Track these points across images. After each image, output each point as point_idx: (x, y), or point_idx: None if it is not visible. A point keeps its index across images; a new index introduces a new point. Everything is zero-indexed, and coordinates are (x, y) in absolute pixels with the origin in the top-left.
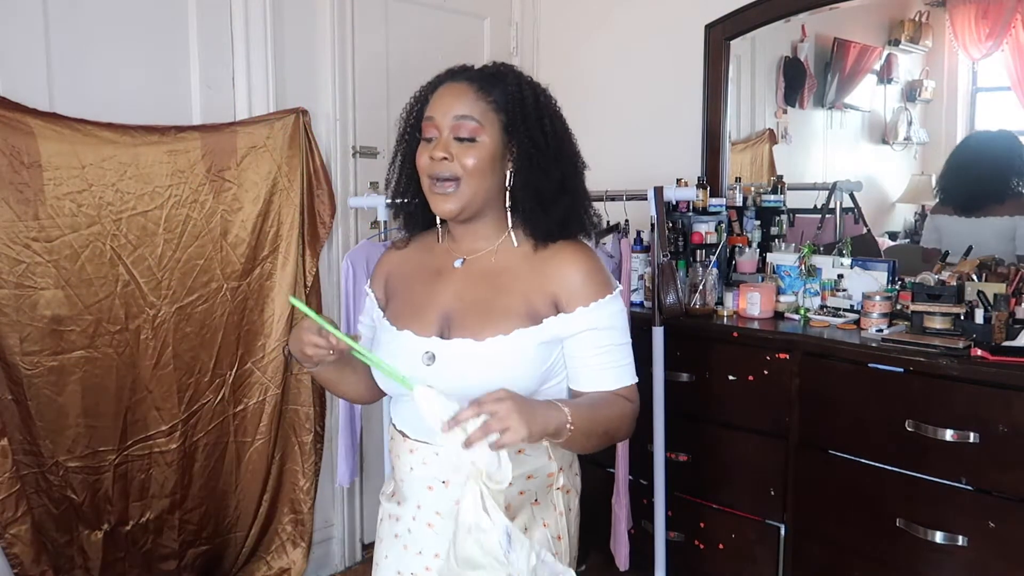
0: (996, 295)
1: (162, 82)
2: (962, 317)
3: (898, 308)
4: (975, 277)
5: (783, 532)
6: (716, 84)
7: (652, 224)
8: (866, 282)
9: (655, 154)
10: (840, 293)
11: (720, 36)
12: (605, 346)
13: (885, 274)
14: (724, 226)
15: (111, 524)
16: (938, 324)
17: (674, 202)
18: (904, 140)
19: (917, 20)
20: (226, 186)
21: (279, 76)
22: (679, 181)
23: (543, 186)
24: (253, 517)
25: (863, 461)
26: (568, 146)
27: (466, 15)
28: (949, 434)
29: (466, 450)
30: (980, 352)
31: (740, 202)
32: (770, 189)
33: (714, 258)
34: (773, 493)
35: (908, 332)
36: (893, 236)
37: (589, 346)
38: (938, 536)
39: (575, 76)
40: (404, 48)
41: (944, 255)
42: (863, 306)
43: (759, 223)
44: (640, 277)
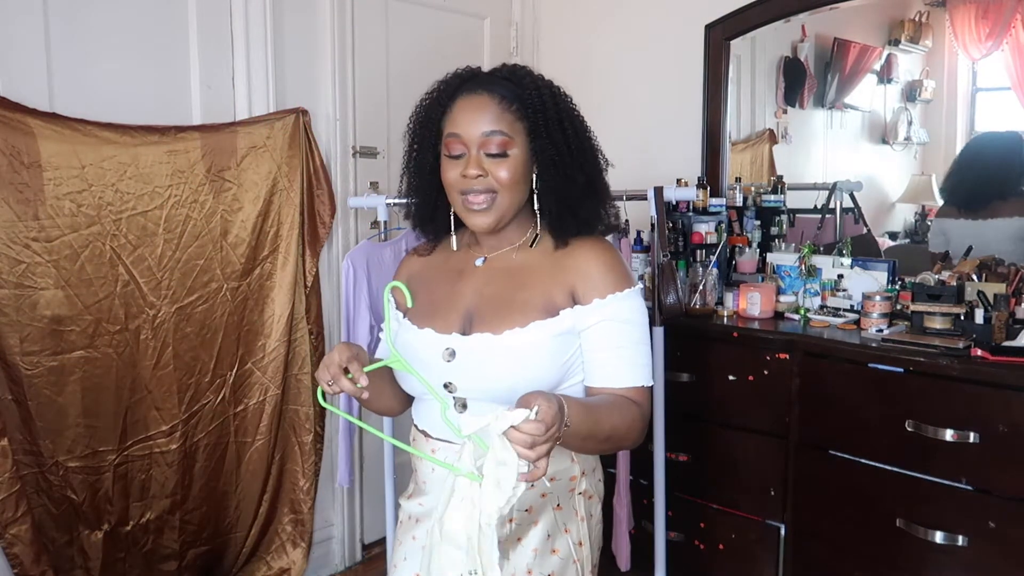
0: (996, 295)
1: (162, 82)
2: (962, 317)
3: (898, 308)
4: (975, 277)
5: (783, 532)
6: (716, 84)
7: (652, 224)
8: (866, 282)
9: (655, 154)
10: (840, 293)
11: (720, 36)
12: (619, 341)
13: (885, 274)
14: (724, 226)
15: (111, 524)
16: (938, 324)
17: (674, 202)
18: (904, 140)
19: (917, 20)
20: (226, 186)
21: (279, 76)
22: (679, 181)
23: (569, 190)
24: (253, 517)
25: (863, 461)
26: (590, 145)
27: (466, 15)
28: (949, 434)
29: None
30: (980, 352)
31: (740, 202)
32: (770, 189)
33: (714, 258)
34: (773, 493)
35: (908, 332)
36: (893, 236)
37: (603, 339)
38: (938, 536)
39: (575, 76)
40: (404, 48)
41: (945, 255)
42: (863, 306)
43: (759, 223)
44: (640, 277)
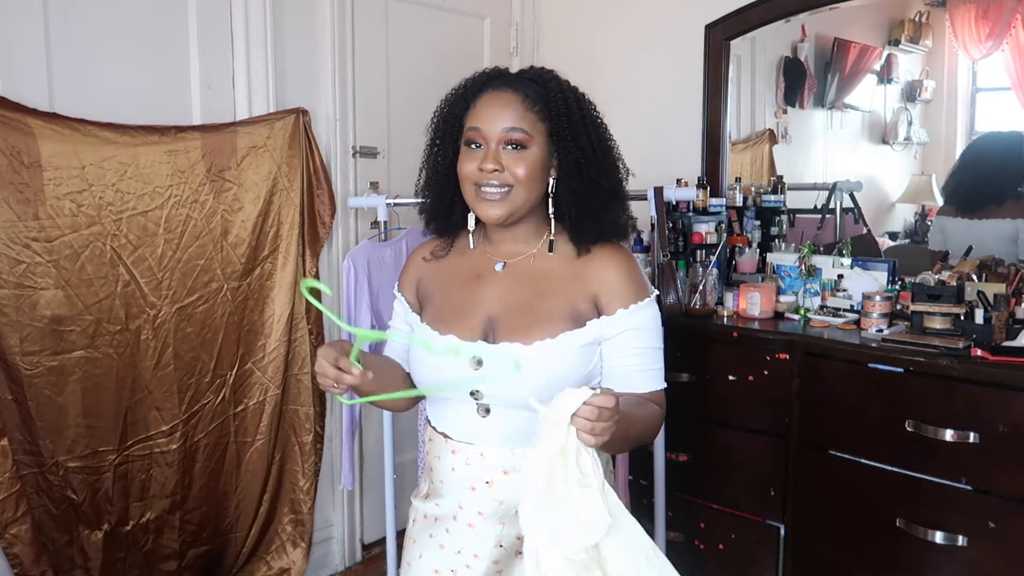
0: (996, 295)
1: (162, 82)
2: (962, 317)
3: (898, 308)
4: (975, 277)
5: (783, 532)
6: (716, 84)
7: (652, 224)
8: (866, 282)
9: (655, 154)
10: (840, 293)
11: (720, 36)
12: (640, 348)
13: (885, 274)
14: (724, 226)
15: (111, 524)
16: (938, 324)
17: (674, 202)
18: (904, 140)
19: (917, 20)
20: (226, 186)
21: (279, 76)
22: (679, 181)
23: (593, 195)
24: (253, 517)
25: (863, 461)
26: (613, 153)
27: (466, 15)
28: (949, 434)
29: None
30: (980, 352)
31: (740, 202)
32: (770, 189)
33: (714, 258)
34: (773, 493)
35: (908, 332)
36: (893, 236)
37: (625, 347)
38: (938, 536)
39: (575, 76)
40: (404, 48)
41: (944, 255)
42: (863, 306)
43: (759, 223)
44: None
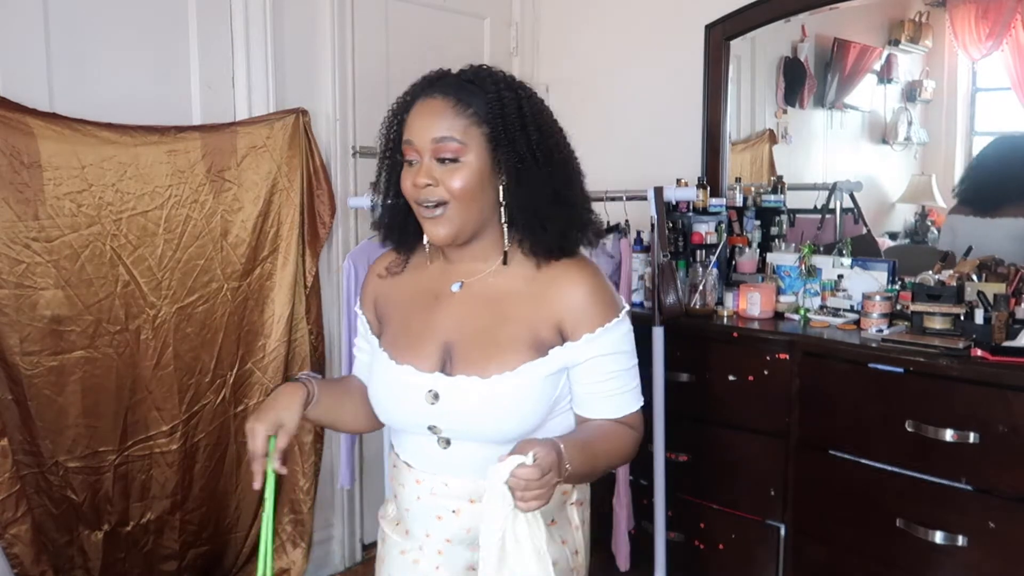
0: (996, 295)
1: (162, 82)
2: (962, 317)
3: (898, 308)
4: (975, 277)
5: (783, 532)
6: (716, 84)
7: (652, 224)
8: (866, 282)
9: (655, 154)
10: (840, 293)
11: (720, 36)
12: (611, 372)
13: (885, 274)
14: (724, 226)
15: (111, 524)
16: (938, 324)
17: (674, 202)
18: (904, 140)
19: (917, 20)
20: (226, 186)
21: (279, 76)
22: (679, 181)
23: (535, 201)
24: (253, 517)
25: (863, 461)
26: (559, 153)
27: (466, 15)
28: (949, 434)
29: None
30: (980, 352)
31: (740, 202)
32: (770, 189)
33: (714, 258)
34: (773, 493)
35: (908, 332)
36: (893, 236)
37: (595, 373)
38: (938, 536)
39: (575, 76)
40: (404, 48)
41: (945, 256)
42: (863, 306)
43: (759, 223)
44: (640, 277)
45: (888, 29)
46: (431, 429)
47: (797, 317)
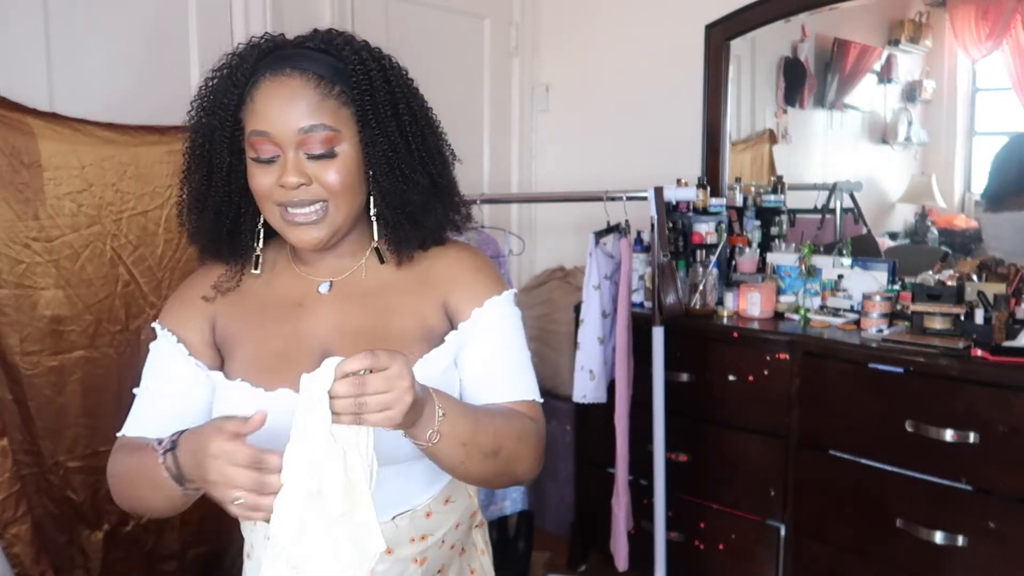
0: (996, 295)
1: (162, 82)
2: (962, 317)
3: (898, 308)
4: (975, 277)
5: (783, 532)
6: (716, 84)
7: (652, 224)
8: (866, 282)
9: (655, 154)
10: (840, 293)
11: (720, 36)
12: (499, 350)
13: (885, 274)
14: (724, 226)
15: (111, 524)
16: (938, 324)
17: (674, 202)
18: (904, 140)
19: (917, 20)
20: None
21: None
22: (679, 181)
23: (410, 196)
24: None
25: (863, 461)
26: (432, 136)
27: (466, 15)
28: (949, 434)
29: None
30: (980, 352)
31: (740, 202)
32: (770, 189)
33: (714, 258)
34: (773, 493)
35: (908, 332)
36: (893, 236)
37: (483, 348)
38: (938, 536)
39: (575, 76)
40: (404, 48)
41: (944, 256)
42: (863, 306)
43: (759, 223)
44: (640, 277)
45: (888, 29)
46: None
47: (797, 317)
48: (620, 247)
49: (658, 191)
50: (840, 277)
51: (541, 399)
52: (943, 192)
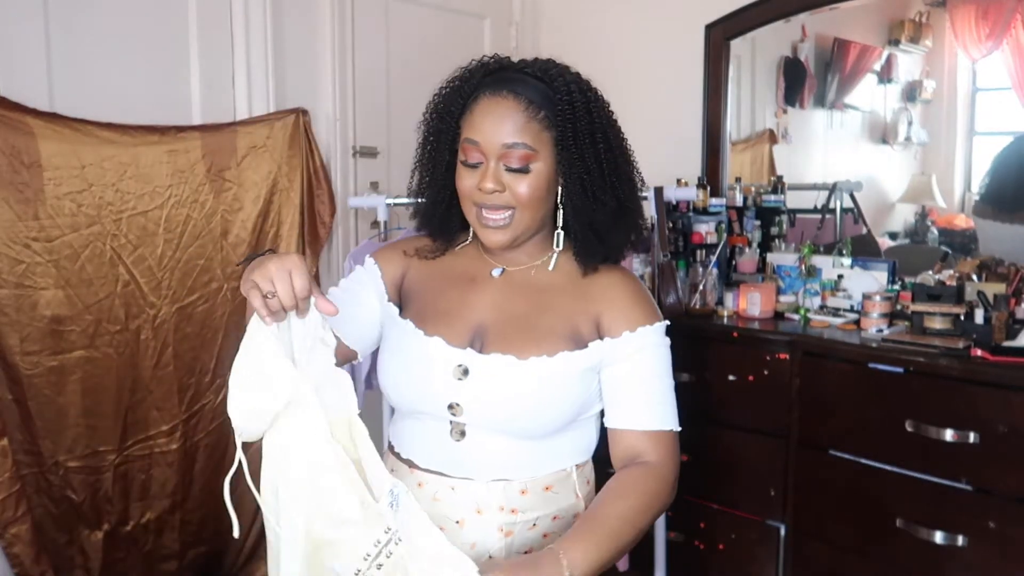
0: (996, 295)
1: (162, 82)
2: (962, 317)
3: (898, 308)
4: (975, 277)
5: (783, 532)
6: (716, 84)
7: (652, 224)
8: (866, 282)
9: (655, 154)
10: (840, 293)
11: (720, 36)
12: (646, 378)
13: (885, 274)
14: (724, 226)
15: (111, 524)
16: (938, 324)
17: (674, 202)
18: (904, 140)
19: (917, 20)
20: (226, 186)
21: (279, 76)
22: (679, 181)
23: (597, 214)
24: (253, 517)
25: (863, 461)
26: (624, 163)
27: (466, 15)
28: (949, 434)
29: None
30: (980, 352)
31: (740, 202)
32: (770, 189)
33: (714, 258)
34: (773, 493)
35: (908, 332)
36: (893, 236)
37: (630, 375)
38: (938, 536)
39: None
40: (404, 48)
41: (944, 256)
42: (863, 306)
43: (759, 223)
44: (640, 277)
45: (888, 29)
46: (450, 409)
47: (797, 317)
48: None
49: (658, 191)
50: (840, 277)
51: (679, 427)
52: (943, 192)
